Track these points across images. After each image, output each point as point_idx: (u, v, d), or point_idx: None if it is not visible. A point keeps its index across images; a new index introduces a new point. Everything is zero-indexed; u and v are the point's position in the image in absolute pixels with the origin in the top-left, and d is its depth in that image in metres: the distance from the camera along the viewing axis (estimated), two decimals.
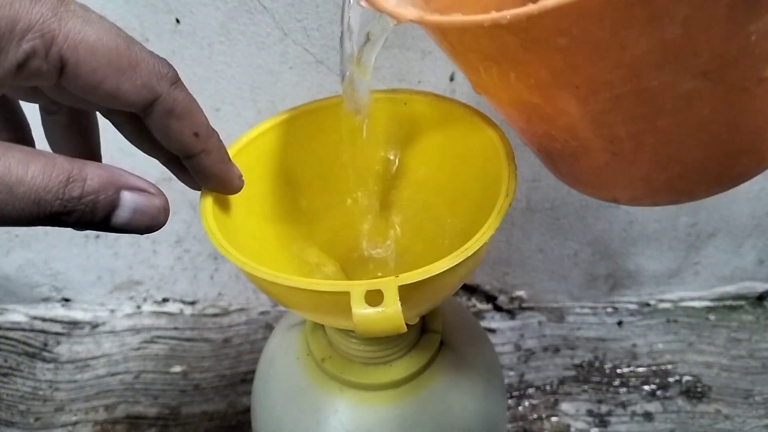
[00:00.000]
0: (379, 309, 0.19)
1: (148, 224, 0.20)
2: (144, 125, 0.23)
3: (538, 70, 0.16)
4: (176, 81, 0.21)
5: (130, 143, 0.24)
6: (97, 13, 0.19)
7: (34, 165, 0.17)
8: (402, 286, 0.19)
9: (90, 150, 0.25)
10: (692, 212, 0.47)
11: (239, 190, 0.25)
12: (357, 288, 0.19)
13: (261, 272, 0.21)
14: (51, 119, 0.24)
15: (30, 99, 0.22)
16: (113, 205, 0.19)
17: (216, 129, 0.23)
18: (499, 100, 0.20)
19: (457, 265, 0.20)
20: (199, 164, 0.23)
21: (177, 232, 0.48)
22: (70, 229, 0.19)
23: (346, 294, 0.19)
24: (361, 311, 0.19)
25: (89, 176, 0.18)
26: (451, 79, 0.39)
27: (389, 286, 0.19)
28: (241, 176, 0.25)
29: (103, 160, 0.25)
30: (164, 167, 0.25)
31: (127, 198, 0.19)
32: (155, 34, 0.38)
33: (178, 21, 0.37)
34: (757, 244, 0.49)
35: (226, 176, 0.24)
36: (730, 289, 0.52)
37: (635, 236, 0.48)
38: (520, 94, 0.18)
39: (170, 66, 0.21)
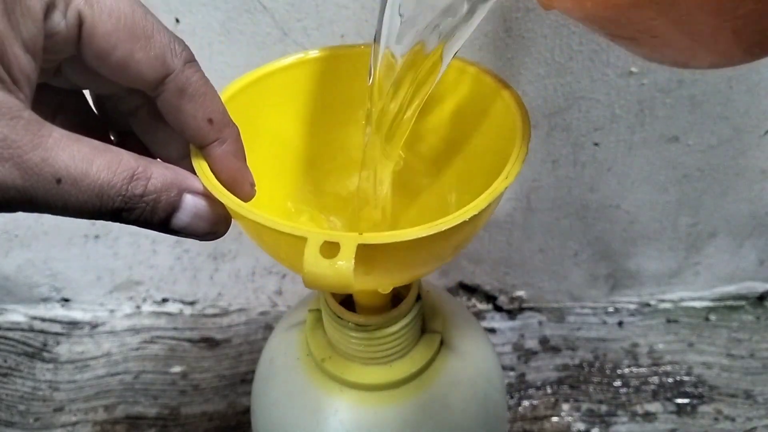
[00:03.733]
0: (331, 261, 0.18)
1: (207, 230, 0.20)
2: (155, 117, 0.22)
3: None
4: (191, 60, 0.20)
5: (141, 139, 0.23)
6: None
7: (100, 159, 0.17)
8: (364, 245, 0.18)
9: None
10: (692, 212, 0.47)
11: (250, 199, 0.23)
12: (315, 236, 0.18)
13: (230, 202, 0.20)
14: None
15: (60, 82, 0.21)
16: (174, 206, 0.19)
17: None
18: (570, 14, 0.20)
19: (427, 237, 0.19)
20: (212, 155, 0.21)
21: None
22: (70, 228, 0.18)
23: (304, 239, 0.18)
24: (312, 259, 0.18)
25: (153, 175, 0.18)
26: None
27: (348, 241, 0.18)
28: (254, 184, 0.23)
29: None
30: None
31: (189, 201, 0.19)
32: None
33: (177, 20, 0.37)
34: (758, 244, 0.49)
35: (236, 176, 0.22)
36: (731, 289, 0.52)
37: (635, 236, 0.48)
38: (595, 12, 0.18)
39: (186, 46, 0.20)
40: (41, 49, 0.17)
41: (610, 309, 0.52)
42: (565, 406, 0.45)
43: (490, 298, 0.52)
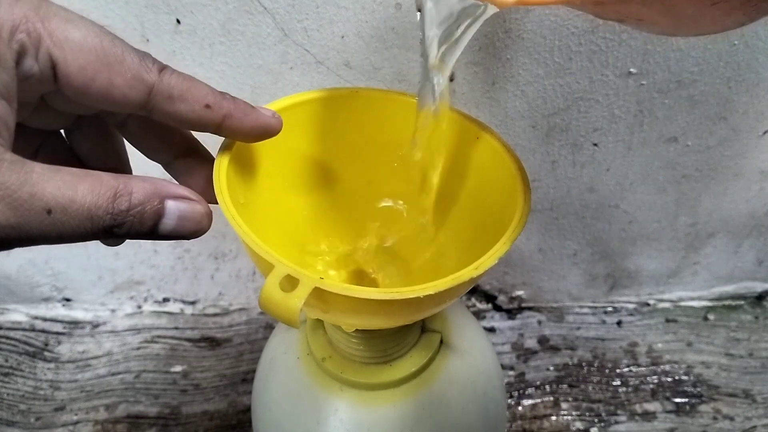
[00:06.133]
0: (284, 294, 0.19)
1: (193, 229, 0.21)
2: (143, 126, 0.24)
3: None
4: (164, 67, 0.21)
5: (136, 148, 0.25)
6: (76, 13, 0.20)
7: (83, 184, 0.18)
8: (319, 289, 0.19)
9: (118, 158, 0.25)
10: (692, 212, 0.47)
11: (281, 127, 0.24)
12: (281, 266, 0.19)
13: (229, 214, 0.22)
14: (74, 138, 0.24)
15: (42, 120, 0.23)
16: (159, 214, 0.20)
17: None
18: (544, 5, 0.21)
19: (377, 300, 0.20)
20: (229, 128, 0.23)
21: None
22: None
23: (271, 266, 0.20)
24: (269, 286, 0.19)
25: (134, 189, 0.19)
26: (451, 79, 0.39)
27: (306, 281, 0.19)
28: (275, 113, 0.24)
29: None
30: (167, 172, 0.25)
31: (172, 206, 0.20)
32: (156, 34, 0.38)
33: (178, 21, 0.37)
34: (756, 244, 0.49)
35: (259, 123, 0.23)
36: (730, 288, 0.52)
37: (635, 236, 0.48)
38: (582, 3, 0.19)
39: (152, 56, 0.21)
40: (15, 94, 0.18)
41: (609, 308, 0.52)
42: (565, 406, 0.45)
43: (489, 297, 0.52)
